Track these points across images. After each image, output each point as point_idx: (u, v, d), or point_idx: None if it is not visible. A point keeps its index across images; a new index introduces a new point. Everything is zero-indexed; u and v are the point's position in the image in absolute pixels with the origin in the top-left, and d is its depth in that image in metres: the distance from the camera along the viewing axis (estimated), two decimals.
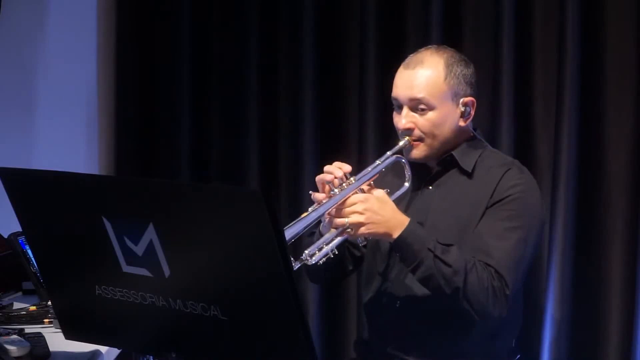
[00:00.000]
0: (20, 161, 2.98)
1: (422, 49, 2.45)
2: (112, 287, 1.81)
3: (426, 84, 2.35)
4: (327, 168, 2.28)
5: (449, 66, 2.37)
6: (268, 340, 1.70)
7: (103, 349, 2.11)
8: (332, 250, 2.22)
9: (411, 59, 2.41)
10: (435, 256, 2.20)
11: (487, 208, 2.33)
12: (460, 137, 2.43)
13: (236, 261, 1.66)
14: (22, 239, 2.59)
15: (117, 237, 1.74)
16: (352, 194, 2.23)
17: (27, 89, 3.38)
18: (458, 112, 2.38)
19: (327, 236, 2.24)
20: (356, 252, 2.52)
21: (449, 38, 3.08)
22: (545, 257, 3.03)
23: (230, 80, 3.40)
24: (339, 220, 2.21)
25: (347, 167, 2.27)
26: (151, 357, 1.99)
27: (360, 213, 2.20)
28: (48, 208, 1.84)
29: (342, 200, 2.22)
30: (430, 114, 2.36)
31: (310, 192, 2.28)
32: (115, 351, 2.17)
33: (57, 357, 2.07)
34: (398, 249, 2.24)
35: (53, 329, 2.26)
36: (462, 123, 2.40)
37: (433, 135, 2.37)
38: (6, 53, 3.32)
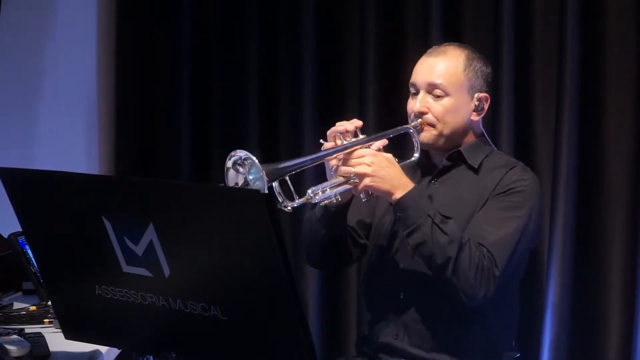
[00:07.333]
0: (20, 161, 2.97)
1: (445, 43, 2.51)
2: (112, 287, 1.81)
3: (445, 71, 2.41)
4: (339, 123, 2.33)
5: (469, 60, 2.43)
6: (268, 340, 1.70)
7: (103, 349, 2.11)
8: (335, 196, 2.25)
9: (434, 49, 2.48)
10: (434, 223, 2.23)
11: (488, 199, 2.36)
12: (470, 132, 2.47)
13: (236, 261, 1.66)
14: (22, 239, 2.58)
15: (117, 237, 1.74)
16: (361, 147, 2.28)
17: (28, 89, 3.39)
18: (472, 106, 2.44)
19: (332, 181, 2.27)
20: (360, 239, 2.52)
21: (449, 38, 3.07)
22: (545, 257, 3.03)
23: (230, 81, 3.40)
24: (344, 168, 2.25)
25: (359, 123, 2.32)
26: (151, 357, 1.99)
27: (368, 165, 2.24)
28: (48, 208, 1.84)
29: (350, 150, 2.26)
30: (445, 101, 2.41)
31: (321, 140, 2.32)
32: (115, 351, 2.17)
33: (57, 357, 2.07)
34: (398, 210, 2.26)
35: (53, 329, 2.25)
36: (474, 117, 2.45)
37: (445, 122, 2.41)
38: (6, 54, 3.32)
